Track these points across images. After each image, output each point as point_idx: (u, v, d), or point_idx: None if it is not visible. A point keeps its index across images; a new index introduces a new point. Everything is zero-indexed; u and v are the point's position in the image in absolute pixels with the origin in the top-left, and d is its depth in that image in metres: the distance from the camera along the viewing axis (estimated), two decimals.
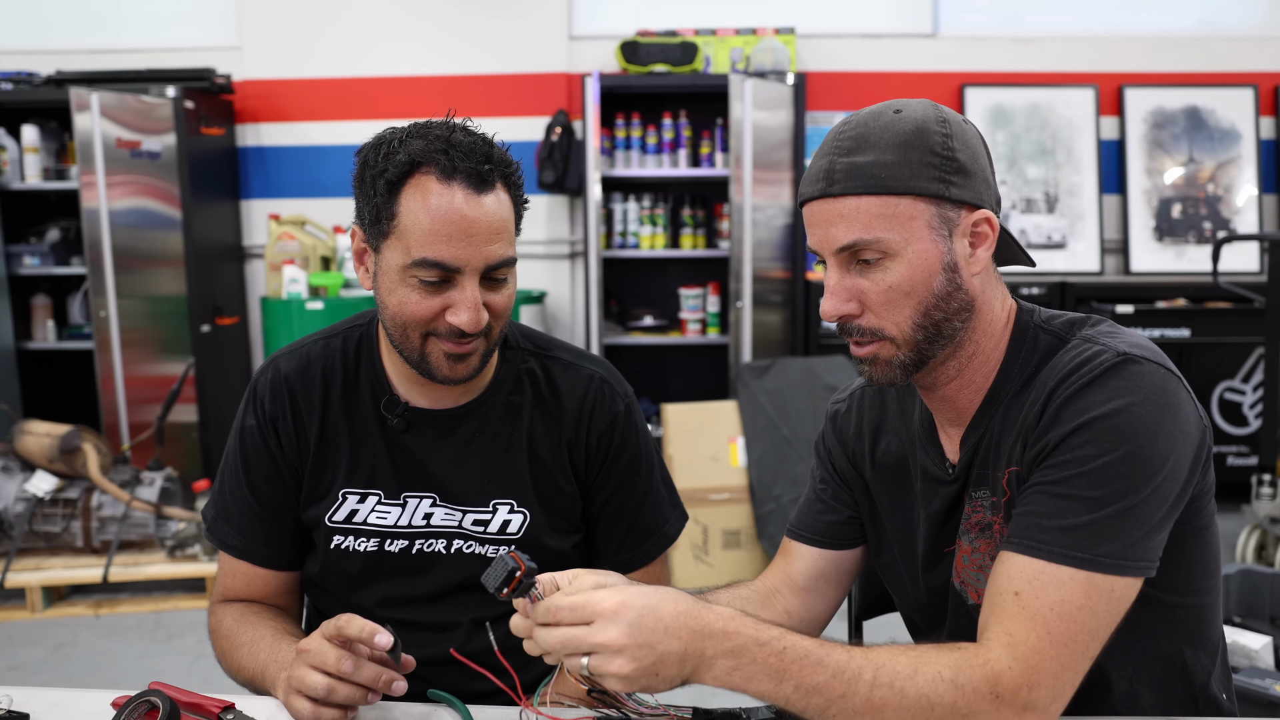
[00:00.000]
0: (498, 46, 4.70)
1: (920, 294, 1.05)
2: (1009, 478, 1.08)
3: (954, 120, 1.07)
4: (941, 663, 0.95)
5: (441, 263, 1.18)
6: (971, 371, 1.13)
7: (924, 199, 1.04)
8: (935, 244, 1.05)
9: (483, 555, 1.34)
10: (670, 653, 0.92)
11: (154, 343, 4.33)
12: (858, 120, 1.07)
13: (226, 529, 1.37)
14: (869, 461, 1.26)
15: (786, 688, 0.94)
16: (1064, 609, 0.96)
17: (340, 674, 1.07)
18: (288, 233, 4.34)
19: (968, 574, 1.15)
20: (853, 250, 1.05)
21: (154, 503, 3.55)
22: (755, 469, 3.86)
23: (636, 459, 1.40)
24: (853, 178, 1.04)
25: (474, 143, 1.21)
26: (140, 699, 1.06)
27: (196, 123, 4.33)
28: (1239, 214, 4.77)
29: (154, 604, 3.59)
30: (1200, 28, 4.82)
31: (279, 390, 1.36)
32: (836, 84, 4.74)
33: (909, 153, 1.03)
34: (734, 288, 4.28)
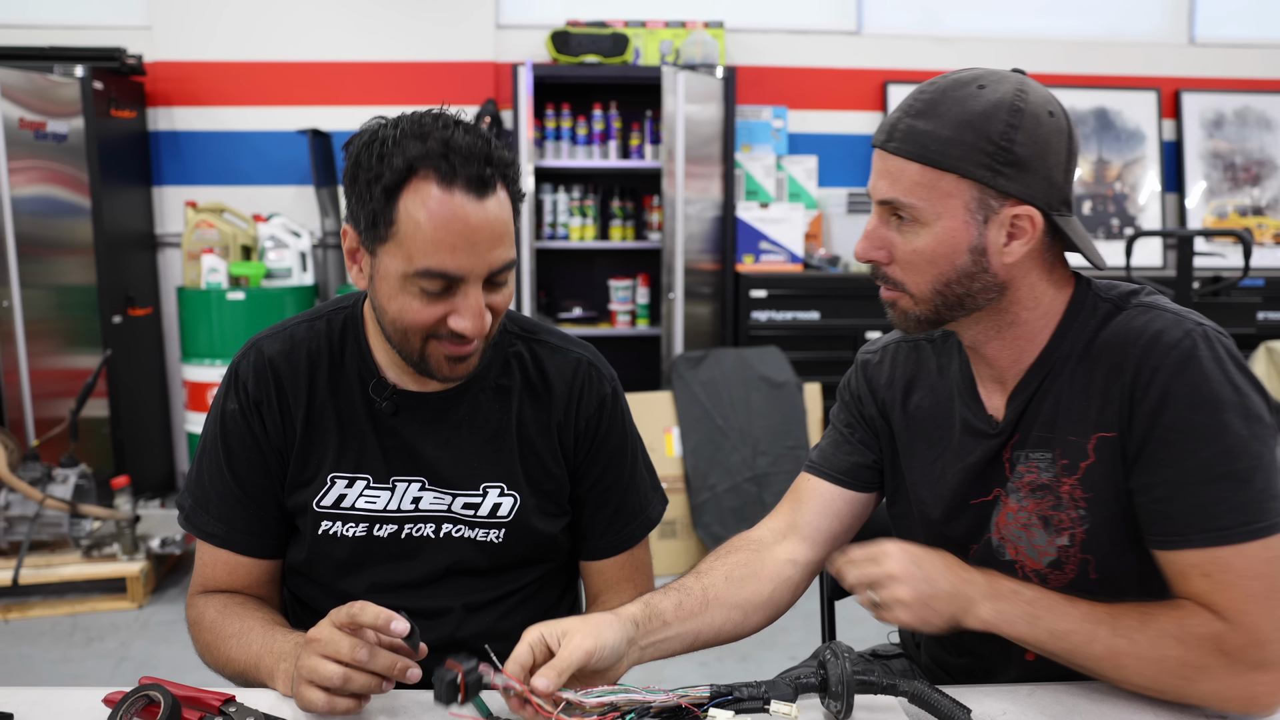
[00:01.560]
0: (424, 33, 4.65)
1: (941, 266, 1.11)
2: (1096, 443, 1.12)
3: (1031, 112, 1.07)
4: (1167, 618, 1.05)
5: (445, 272, 1.16)
6: (1014, 337, 1.17)
7: (968, 181, 1.07)
8: (967, 225, 1.09)
9: (473, 539, 1.33)
10: (942, 590, 1.08)
11: (61, 334, 4.17)
12: (939, 85, 1.11)
13: (206, 517, 1.34)
14: (899, 411, 1.30)
15: (1040, 632, 1.07)
16: (1255, 570, 1.03)
17: (355, 662, 1.05)
18: (206, 221, 4.22)
19: (1009, 530, 1.20)
20: (891, 205, 1.12)
21: (68, 501, 3.42)
22: (690, 459, 3.92)
23: (623, 442, 1.41)
24: (907, 141, 1.08)
25: (474, 144, 1.16)
26: (137, 694, 1.03)
27: (106, 105, 4.16)
28: (1143, 211, 5.03)
29: (69, 606, 3.45)
30: (1108, 32, 5.06)
31: (263, 373, 1.33)
32: (764, 78, 4.83)
33: (966, 134, 1.06)
34: (666, 280, 4.33)
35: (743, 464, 3.94)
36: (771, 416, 4.04)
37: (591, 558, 1.43)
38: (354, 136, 1.21)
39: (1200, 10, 5.06)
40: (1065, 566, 1.16)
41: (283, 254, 4.29)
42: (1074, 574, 1.16)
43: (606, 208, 4.82)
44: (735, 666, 3.10)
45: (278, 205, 4.64)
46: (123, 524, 3.47)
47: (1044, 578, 1.18)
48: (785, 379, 4.12)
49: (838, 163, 4.91)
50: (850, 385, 1.38)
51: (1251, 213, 5.10)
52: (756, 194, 4.70)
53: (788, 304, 4.45)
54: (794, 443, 4.03)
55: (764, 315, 4.45)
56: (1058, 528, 1.16)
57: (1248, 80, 5.09)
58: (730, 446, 3.95)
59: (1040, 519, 1.17)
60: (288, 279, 4.31)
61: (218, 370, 4.18)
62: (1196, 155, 5.08)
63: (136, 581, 3.46)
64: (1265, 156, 5.10)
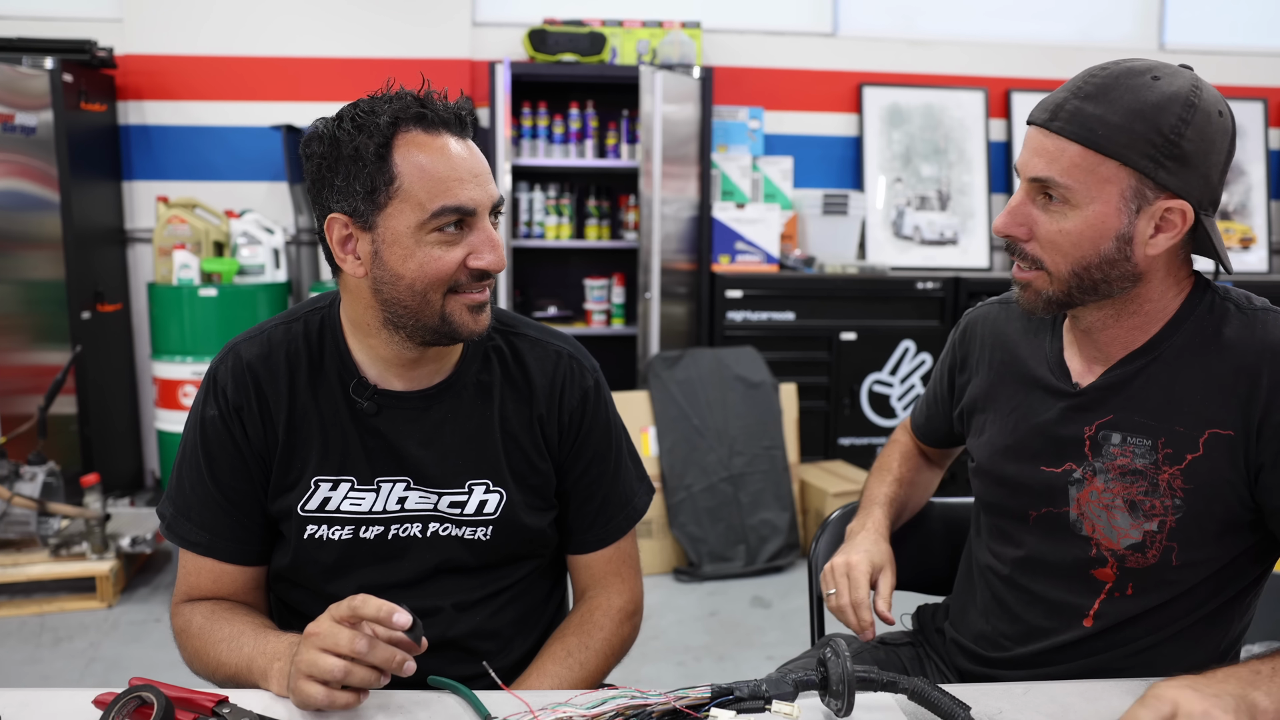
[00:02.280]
0: (400, 30, 4.65)
1: (1085, 249, 1.13)
2: (1209, 438, 1.16)
3: (1204, 109, 1.10)
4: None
5: (461, 206, 1.20)
6: (1128, 323, 1.21)
7: (1129, 169, 1.10)
8: (1119, 213, 1.11)
9: (460, 537, 1.34)
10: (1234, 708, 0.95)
11: (28, 330, 4.14)
12: (1111, 71, 1.12)
13: (188, 525, 1.33)
14: (986, 364, 1.39)
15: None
16: None
17: (355, 655, 1.05)
18: (178, 216, 4.19)
19: (1090, 509, 1.24)
20: (1043, 184, 1.13)
21: (36, 499, 3.40)
22: (666, 458, 3.95)
23: (607, 434, 1.42)
24: (1073, 122, 1.10)
25: (443, 95, 1.25)
26: (129, 695, 1.02)
27: (76, 98, 4.13)
28: None
29: (37, 606, 3.43)
30: (1080, 37, 5.14)
31: (242, 378, 1.32)
32: (741, 79, 4.87)
33: (1136, 123, 1.08)
34: (642, 279, 4.35)
35: (719, 464, 3.97)
36: (747, 416, 4.08)
37: (579, 551, 1.44)
38: (308, 136, 1.24)
39: (1170, 17, 5.16)
40: (1148, 551, 1.20)
41: (256, 250, 4.27)
42: (1155, 559, 1.20)
43: (582, 207, 4.84)
44: (713, 666, 3.14)
45: (250, 201, 4.62)
46: (92, 522, 3.45)
47: (1121, 558, 1.22)
48: (761, 379, 4.16)
49: (813, 164, 4.96)
50: (951, 338, 1.50)
51: (1220, 217, 5.20)
52: (732, 194, 4.74)
53: (763, 304, 4.49)
54: (770, 443, 4.07)
55: (739, 315, 4.48)
56: (1147, 513, 1.19)
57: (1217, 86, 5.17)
58: (706, 446, 3.99)
59: (1126, 502, 1.20)
60: (260, 275, 4.29)
61: (189, 367, 4.16)
62: None
63: (106, 581, 3.44)
64: (1234, 162, 5.19)
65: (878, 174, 4.92)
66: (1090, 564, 1.26)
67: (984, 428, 1.38)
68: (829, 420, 4.56)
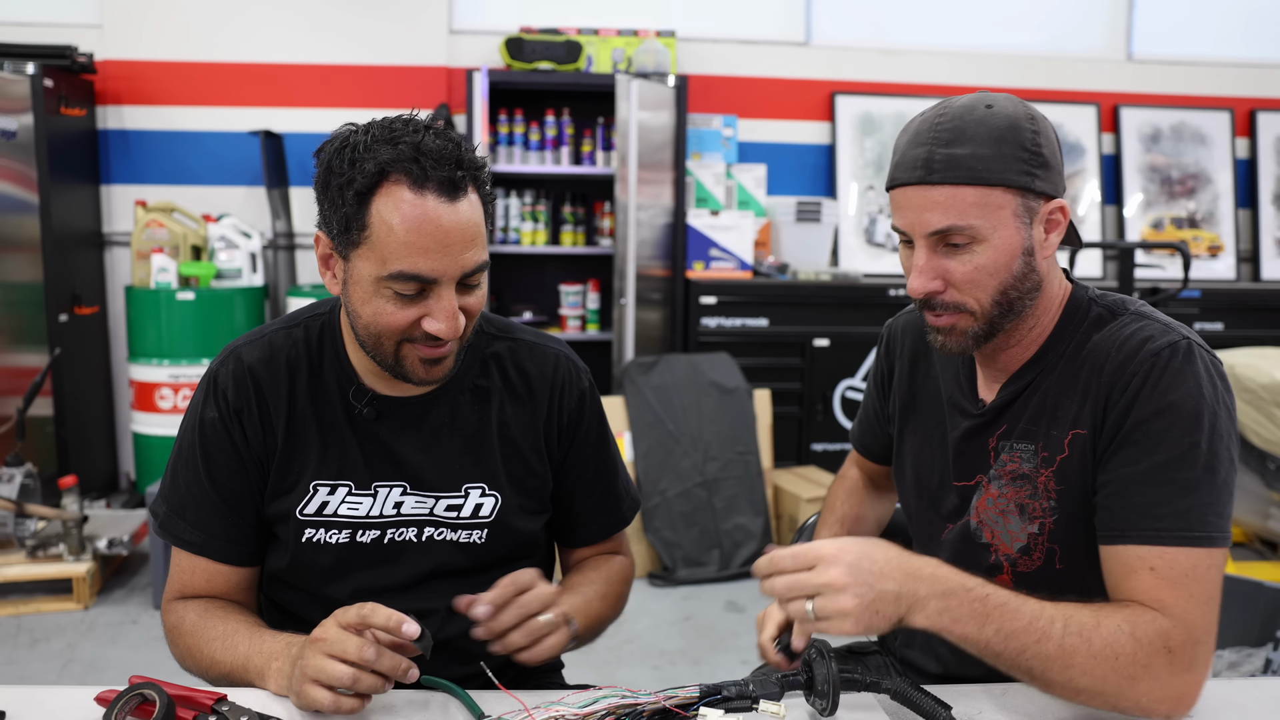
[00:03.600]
0: (377, 37, 4.77)
1: (1002, 275, 1.20)
2: (1072, 440, 1.22)
3: (1039, 118, 1.20)
4: (1118, 617, 1.08)
5: (419, 275, 1.19)
6: (1024, 335, 1.28)
7: (1013, 190, 1.17)
8: (1018, 231, 1.19)
9: (455, 541, 1.37)
10: (887, 591, 1.05)
11: (6, 332, 4.23)
12: (953, 112, 1.19)
13: (182, 525, 1.35)
14: (906, 382, 1.45)
15: (989, 631, 1.07)
16: (1197, 573, 1.09)
17: (363, 662, 1.08)
18: (156, 220, 4.30)
19: (988, 515, 1.30)
20: (944, 234, 1.19)
21: (14, 500, 3.48)
22: (641, 464, 4.05)
23: (603, 429, 1.48)
24: (952, 168, 1.16)
25: (444, 147, 1.19)
26: (131, 693, 1.05)
27: (56, 102, 4.23)
28: (1084, 223, 5.28)
29: (13, 607, 3.51)
30: (1049, 48, 5.31)
31: (243, 381, 1.34)
32: (715, 87, 5.01)
33: (1003, 147, 1.16)
34: (618, 285, 4.47)
35: (693, 469, 4.08)
36: (722, 422, 4.18)
37: (584, 544, 1.50)
38: (325, 143, 1.24)
39: (1138, 27, 5.33)
40: (1033, 554, 1.26)
41: (233, 254, 4.38)
42: (1041, 561, 1.26)
43: (558, 213, 4.96)
44: (688, 670, 3.22)
45: (228, 206, 4.73)
46: (70, 524, 3.54)
47: (1014, 562, 1.29)
48: (736, 385, 4.27)
49: (786, 171, 5.10)
50: (877, 350, 1.55)
51: (1187, 225, 5.36)
52: (707, 201, 4.88)
53: (737, 310, 4.62)
54: (744, 448, 4.18)
55: (713, 321, 4.61)
56: (1030, 515, 1.26)
57: (1184, 96, 5.37)
58: (681, 451, 4.08)
59: (1017, 506, 1.27)
60: (238, 279, 4.40)
61: (166, 370, 4.25)
62: (1135, 169, 5.34)
63: (83, 582, 3.53)
64: (1200, 170, 5.38)
65: (850, 182, 5.07)
66: (991, 571, 1.30)
67: (904, 440, 1.45)
68: (802, 426, 4.69)
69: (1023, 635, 1.06)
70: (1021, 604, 1.08)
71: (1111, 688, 1.07)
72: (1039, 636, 1.06)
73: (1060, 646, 1.06)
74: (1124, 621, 1.08)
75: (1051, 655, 1.06)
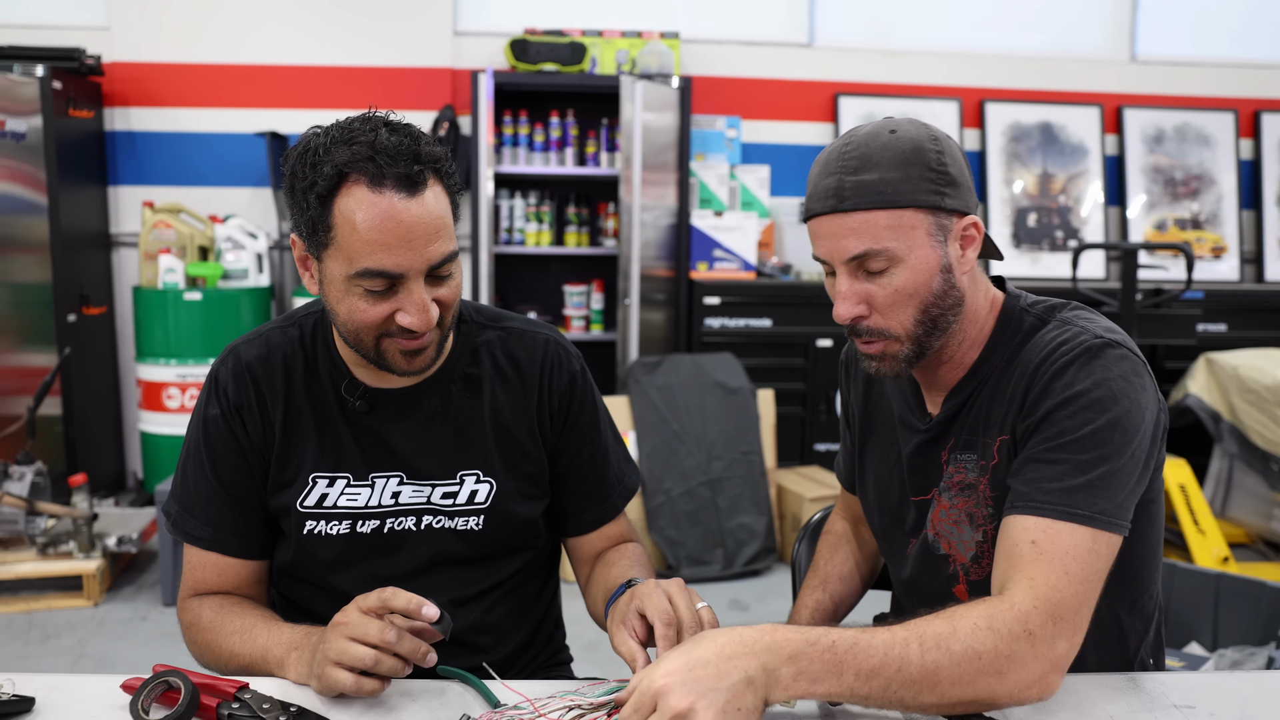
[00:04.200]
0: (382, 39, 4.85)
1: (922, 295, 1.23)
2: (999, 445, 1.26)
3: (942, 138, 1.24)
4: (975, 614, 1.07)
5: (384, 271, 1.22)
6: (955, 350, 1.32)
7: (923, 210, 1.21)
8: (934, 249, 1.22)
9: (453, 529, 1.41)
10: (735, 683, 0.97)
11: (16, 332, 4.31)
12: (858, 140, 1.23)
13: (192, 521, 1.41)
14: (862, 405, 1.50)
15: (848, 678, 1.01)
16: (1076, 552, 1.11)
17: (384, 645, 1.12)
18: (163, 221, 4.37)
19: (942, 526, 1.34)
20: (861, 259, 1.22)
21: (25, 498, 3.56)
22: (646, 463, 4.11)
23: (595, 415, 1.50)
24: (861, 194, 1.20)
25: (400, 143, 1.22)
26: (156, 681, 1.09)
27: (65, 104, 4.32)
28: (1086, 224, 5.35)
29: (24, 604, 3.58)
30: (1053, 49, 5.38)
31: (242, 378, 1.39)
32: (719, 88, 5.09)
33: (909, 169, 1.20)
34: (622, 286, 4.54)
35: (697, 468, 4.14)
36: (726, 422, 4.25)
37: (577, 533, 1.52)
38: (291, 148, 1.28)
39: (1142, 29, 5.39)
40: (982, 561, 1.30)
41: (239, 255, 4.45)
42: (989, 568, 1.26)
43: (562, 214, 5.04)
44: None
45: (234, 207, 4.81)
46: (79, 522, 3.61)
47: (968, 571, 1.32)
48: (740, 385, 4.33)
49: (789, 173, 5.17)
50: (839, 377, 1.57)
51: (1190, 226, 5.42)
52: (710, 202, 4.95)
53: (741, 311, 4.69)
54: (748, 448, 4.24)
55: (717, 322, 4.68)
56: (977, 523, 1.29)
57: (1187, 97, 5.43)
58: (685, 451, 4.14)
59: (967, 515, 1.31)
60: (244, 280, 4.47)
61: (173, 369, 4.33)
62: (1138, 170, 5.40)
63: (93, 579, 3.60)
64: (1203, 171, 5.44)
65: None
66: (949, 583, 1.35)
67: (865, 460, 1.49)
68: (805, 426, 4.75)
69: (882, 670, 1.02)
70: (871, 638, 1.04)
71: (982, 689, 1.05)
72: (898, 665, 1.03)
73: (922, 667, 1.03)
74: (980, 618, 1.07)
75: (917, 679, 1.03)
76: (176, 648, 1.41)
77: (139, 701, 1.07)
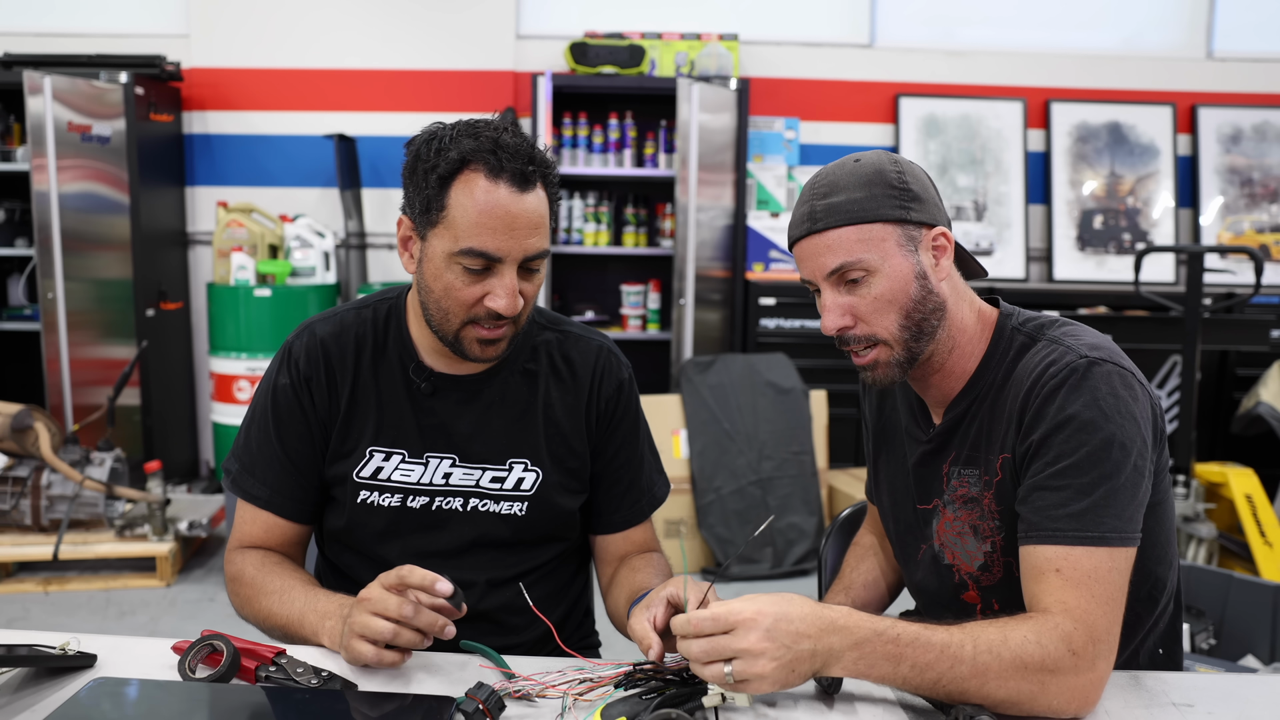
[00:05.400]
0: (446, 43, 5.06)
1: (901, 300, 1.34)
2: (1001, 462, 1.35)
3: (903, 160, 1.38)
4: (1024, 629, 1.18)
5: (486, 252, 1.37)
6: (952, 364, 1.41)
7: (890, 223, 1.33)
8: (906, 258, 1.34)
9: (497, 513, 1.54)
10: (803, 651, 1.14)
11: (99, 326, 4.61)
12: (827, 171, 1.38)
13: (252, 480, 1.54)
14: (875, 417, 1.61)
15: (904, 669, 1.16)
16: (1098, 573, 1.21)
17: (402, 619, 1.22)
18: (236, 220, 4.64)
19: (947, 538, 1.44)
20: (840, 272, 1.34)
21: (105, 482, 3.84)
22: (697, 461, 4.24)
23: (636, 422, 1.64)
24: (831, 214, 1.33)
25: (519, 144, 1.39)
26: (202, 643, 1.22)
27: (146, 109, 4.62)
28: (1156, 226, 5.32)
29: (103, 582, 3.87)
30: (1124, 46, 5.36)
31: (314, 353, 1.54)
32: (777, 90, 5.19)
33: (873, 188, 1.33)
34: (677, 286, 4.67)
35: (748, 467, 4.25)
36: (777, 422, 4.35)
37: (604, 531, 1.64)
38: (416, 135, 1.44)
39: (1220, 24, 5.33)
40: (993, 569, 1.39)
41: (307, 253, 4.71)
42: (1000, 575, 1.38)
43: (620, 214, 5.19)
44: None
45: (303, 206, 5.08)
46: (154, 506, 3.88)
47: (977, 579, 1.41)
48: (792, 385, 4.43)
49: None
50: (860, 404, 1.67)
51: (1270, 230, 5.33)
52: (767, 203, 5.06)
53: (796, 312, 4.79)
54: (799, 448, 4.34)
55: (772, 323, 4.79)
56: (983, 535, 1.39)
57: (1268, 95, 5.34)
58: (736, 450, 4.26)
59: (971, 528, 1.40)
60: (311, 277, 4.72)
61: (244, 363, 4.60)
62: (1212, 171, 5.34)
63: (165, 561, 3.88)
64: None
65: None
66: (957, 590, 1.45)
67: (879, 467, 1.60)
68: (859, 427, 4.81)
69: (936, 665, 1.15)
70: (931, 635, 1.17)
71: (1025, 695, 1.17)
72: (952, 662, 1.15)
73: (973, 666, 1.15)
74: (1030, 632, 1.18)
75: (966, 676, 1.15)
76: (241, 627, 1.54)
77: (186, 661, 1.21)
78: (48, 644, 1.26)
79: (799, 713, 1.21)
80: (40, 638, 1.29)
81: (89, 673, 1.25)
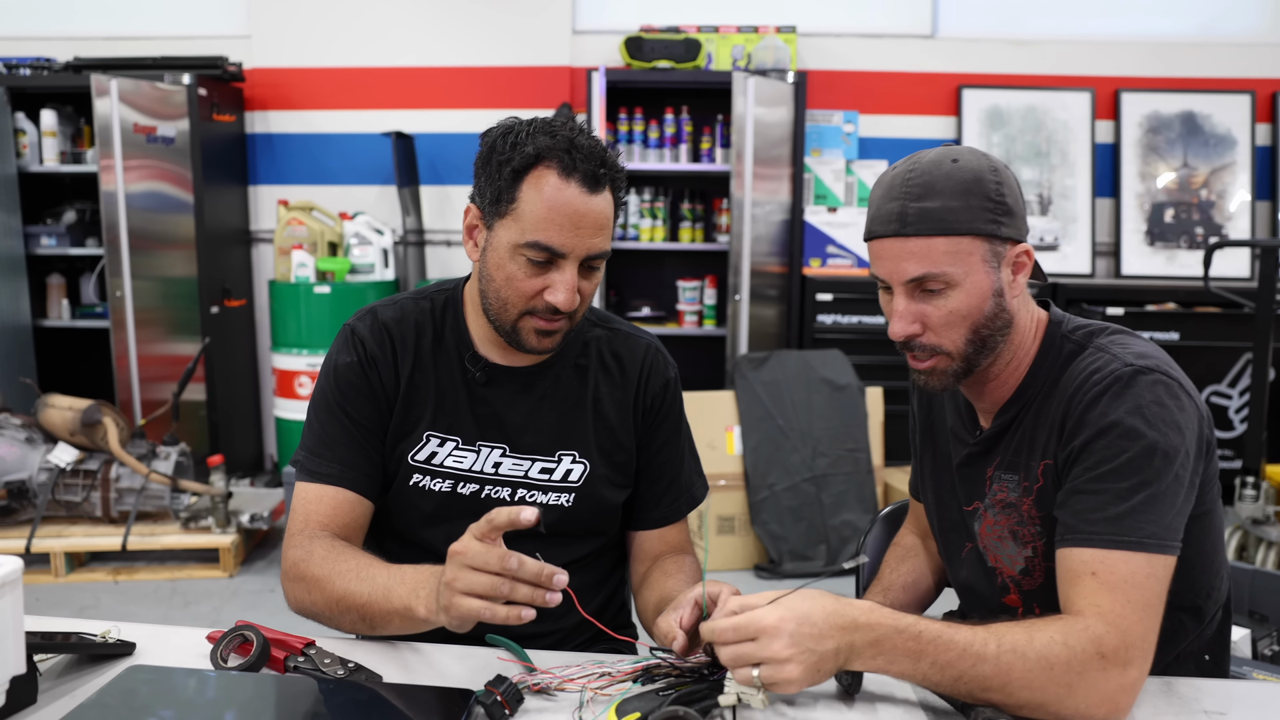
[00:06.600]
0: (503, 39, 5.14)
1: (975, 317, 1.34)
2: (1043, 469, 1.37)
3: (1001, 168, 1.35)
4: (1052, 629, 1.18)
5: (551, 247, 1.42)
6: (1005, 373, 1.43)
7: (980, 238, 1.32)
8: (988, 275, 1.33)
9: (543, 504, 1.58)
10: (827, 651, 1.16)
11: (165, 323, 4.78)
12: (922, 168, 1.34)
13: (319, 461, 1.53)
14: (924, 417, 1.62)
15: (924, 665, 1.17)
16: (1135, 579, 1.21)
17: (506, 572, 1.18)
18: (296, 218, 4.77)
19: (989, 541, 1.46)
20: (920, 281, 1.33)
21: (170, 476, 3.98)
22: (750, 457, 4.25)
23: (679, 422, 1.69)
24: (924, 221, 1.31)
25: (592, 147, 1.44)
26: (234, 633, 1.27)
27: (209, 109, 4.77)
28: (1231, 220, 5.18)
29: (169, 572, 4.02)
30: (1199, 33, 5.23)
31: (379, 333, 1.58)
32: (836, 82, 5.17)
33: (969, 198, 1.31)
34: (732, 281, 4.69)
35: (802, 464, 4.26)
36: (832, 419, 4.35)
37: (641, 527, 1.68)
38: (491, 127, 1.49)
39: None
40: (1034, 574, 1.40)
41: (366, 250, 4.81)
42: (1042, 579, 1.39)
43: (676, 210, 5.22)
44: None
45: (362, 204, 5.19)
46: (217, 499, 4.02)
47: (1018, 583, 1.42)
48: (847, 382, 4.42)
49: None
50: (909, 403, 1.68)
51: None
52: (825, 198, 5.04)
53: (853, 308, 4.77)
54: (854, 445, 4.33)
55: (829, 319, 4.78)
56: (1023, 540, 1.40)
57: None
58: (790, 447, 4.27)
59: (1010, 532, 1.41)
60: (370, 274, 4.83)
61: (305, 359, 4.72)
62: None
63: (228, 553, 4.01)
64: None
65: None
66: (1000, 592, 1.46)
67: (925, 465, 1.61)
68: None
69: (958, 663, 1.16)
70: (954, 633, 1.17)
71: (1050, 697, 1.16)
72: (974, 660, 1.16)
73: (997, 665, 1.16)
74: (1057, 632, 1.18)
75: (989, 675, 1.15)
76: (299, 619, 1.54)
77: (219, 651, 1.26)
78: (90, 632, 1.33)
79: (818, 712, 1.22)
80: (84, 625, 1.36)
81: (128, 660, 1.31)
